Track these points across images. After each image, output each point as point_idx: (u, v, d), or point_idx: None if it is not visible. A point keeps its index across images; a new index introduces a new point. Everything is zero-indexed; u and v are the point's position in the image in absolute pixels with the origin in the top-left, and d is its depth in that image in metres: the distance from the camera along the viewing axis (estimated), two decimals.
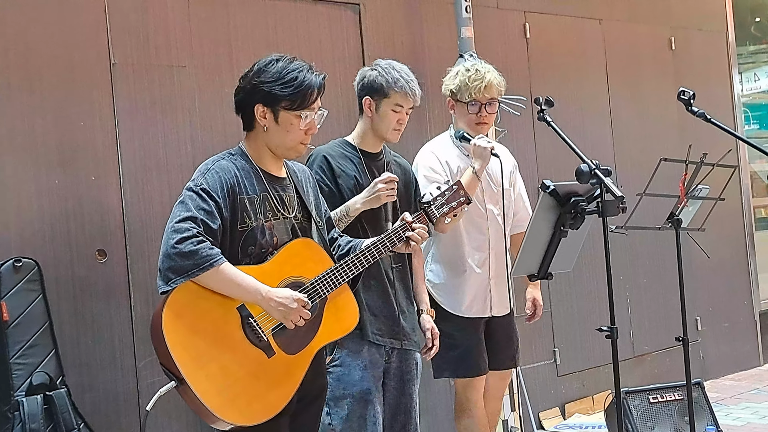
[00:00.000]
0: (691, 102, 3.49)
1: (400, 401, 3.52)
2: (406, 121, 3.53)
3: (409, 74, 3.51)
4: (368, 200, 3.33)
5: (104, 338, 4.02)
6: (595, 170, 2.96)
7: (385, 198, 3.32)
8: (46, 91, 3.94)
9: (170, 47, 4.29)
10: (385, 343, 3.42)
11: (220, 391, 2.62)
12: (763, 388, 6.48)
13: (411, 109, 3.52)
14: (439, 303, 3.92)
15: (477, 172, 3.73)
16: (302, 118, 2.82)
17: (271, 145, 2.87)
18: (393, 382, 3.51)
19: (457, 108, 3.96)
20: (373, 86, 3.49)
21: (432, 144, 4.07)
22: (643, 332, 6.32)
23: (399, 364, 3.51)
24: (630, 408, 4.88)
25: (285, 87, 2.79)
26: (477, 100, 3.87)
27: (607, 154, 6.21)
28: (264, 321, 2.71)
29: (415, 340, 3.57)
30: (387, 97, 3.46)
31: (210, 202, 2.68)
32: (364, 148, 3.53)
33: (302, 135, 2.85)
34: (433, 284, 3.96)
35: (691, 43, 6.93)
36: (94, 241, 4.03)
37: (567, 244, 3.28)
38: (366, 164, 3.48)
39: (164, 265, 2.61)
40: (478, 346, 3.94)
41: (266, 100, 2.81)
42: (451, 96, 3.97)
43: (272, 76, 2.80)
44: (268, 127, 2.84)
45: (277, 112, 2.82)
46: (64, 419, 3.65)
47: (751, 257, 7.23)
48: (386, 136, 3.51)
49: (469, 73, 3.90)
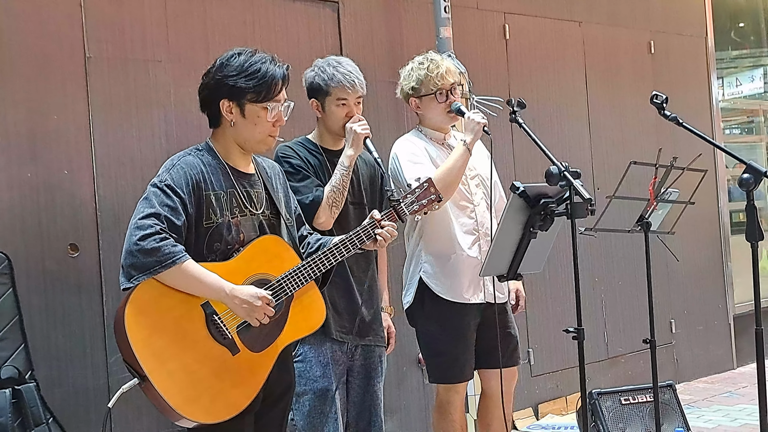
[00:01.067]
0: (663, 106, 3.49)
1: (365, 398, 3.53)
2: (360, 112, 3.51)
3: (348, 65, 3.50)
4: (351, 146, 3.38)
5: (75, 333, 4.00)
6: (565, 172, 2.96)
7: (362, 133, 3.37)
8: (19, 83, 3.92)
9: (146, 42, 4.28)
10: (348, 341, 3.42)
11: (182, 389, 2.61)
12: (735, 391, 6.52)
13: (359, 99, 3.51)
14: (437, 293, 3.78)
15: (468, 145, 3.66)
16: (269, 110, 2.82)
17: (240, 140, 2.86)
18: (357, 380, 3.52)
19: (423, 104, 3.86)
20: (313, 87, 3.51)
21: (404, 137, 3.98)
22: (618, 334, 6.36)
23: (363, 361, 3.52)
24: (602, 409, 4.90)
25: (249, 79, 2.78)
26: (442, 88, 3.79)
27: (584, 156, 6.24)
28: (229, 318, 2.70)
29: (380, 335, 3.58)
30: (329, 95, 3.47)
31: (174, 199, 2.67)
32: (325, 146, 3.54)
33: (270, 127, 2.85)
34: (429, 274, 3.81)
35: (671, 48, 6.96)
36: (66, 235, 4.01)
37: (537, 246, 3.29)
38: (328, 160, 3.48)
39: (126, 262, 2.60)
40: (465, 353, 3.83)
41: (231, 95, 2.80)
42: (413, 95, 3.87)
43: (235, 70, 2.79)
44: (235, 121, 2.83)
45: (242, 105, 2.81)
46: (33, 413, 3.64)
47: (727, 261, 7.27)
48: (340, 132, 3.49)
49: (426, 64, 3.82)
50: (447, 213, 3.80)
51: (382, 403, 3.63)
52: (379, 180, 3.66)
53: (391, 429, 5.09)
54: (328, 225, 3.35)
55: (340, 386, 3.42)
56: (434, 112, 3.86)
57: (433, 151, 3.86)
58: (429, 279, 3.80)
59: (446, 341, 3.79)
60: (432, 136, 3.91)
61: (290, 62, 3.57)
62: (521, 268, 3.34)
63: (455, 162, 3.66)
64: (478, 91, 5.28)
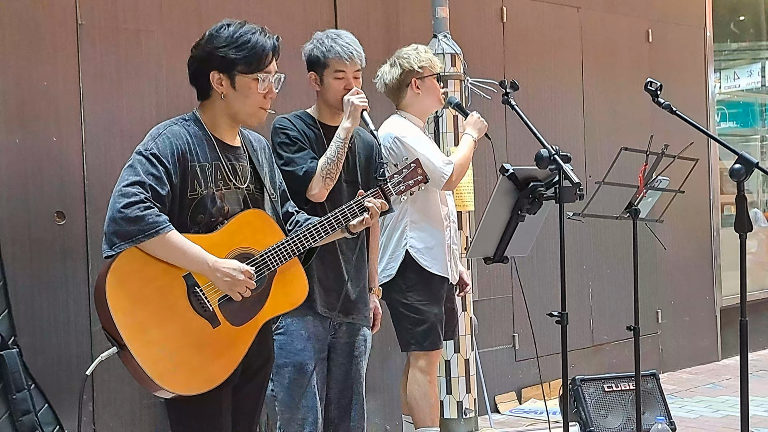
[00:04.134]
0: (657, 93, 3.48)
1: (347, 376, 3.53)
2: (360, 86, 3.49)
3: (348, 38, 3.48)
4: (348, 117, 3.38)
5: (59, 301, 3.99)
6: (554, 156, 2.95)
7: (359, 105, 3.37)
8: (8, 49, 3.88)
9: (139, 11, 4.25)
10: (332, 317, 3.42)
11: (161, 359, 2.60)
12: (719, 382, 6.54)
13: (358, 72, 3.49)
14: (425, 267, 3.95)
15: (476, 140, 3.92)
16: (259, 81, 2.79)
17: (231, 112, 2.83)
18: (341, 358, 3.52)
19: (424, 86, 3.95)
20: (311, 59, 3.49)
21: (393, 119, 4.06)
22: (604, 322, 6.37)
23: (348, 339, 3.52)
24: (584, 395, 4.93)
25: (239, 50, 2.76)
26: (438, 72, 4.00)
27: (578, 142, 6.23)
28: (210, 291, 2.69)
29: (366, 315, 3.58)
30: (327, 67, 3.45)
31: (159, 168, 2.64)
32: (323, 121, 3.52)
33: (261, 99, 2.82)
34: (417, 249, 3.96)
35: (669, 37, 6.94)
36: (52, 202, 3.99)
37: (524, 229, 3.29)
38: (325, 136, 3.47)
39: (109, 229, 2.58)
40: (441, 321, 4.02)
41: (221, 66, 2.78)
42: (416, 75, 3.96)
43: (225, 41, 2.77)
44: (226, 94, 2.80)
45: (233, 77, 2.79)
46: (15, 379, 3.65)
47: (716, 253, 7.27)
48: (338, 106, 3.47)
49: (431, 51, 4.05)
50: (435, 195, 3.96)
51: (364, 382, 3.63)
52: (376, 158, 3.64)
53: (374, 408, 5.09)
54: (321, 197, 3.35)
55: (320, 361, 3.42)
56: (433, 96, 4.00)
57: None
58: (417, 253, 3.96)
59: (429, 311, 3.96)
60: (414, 122, 3.98)
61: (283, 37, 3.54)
62: (508, 251, 3.34)
63: (469, 153, 3.92)
64: (473, 74, 5.25)
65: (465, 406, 5.08)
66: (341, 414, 3.54)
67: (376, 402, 5.10)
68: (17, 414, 3.60)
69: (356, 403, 3.56)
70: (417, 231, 3.97)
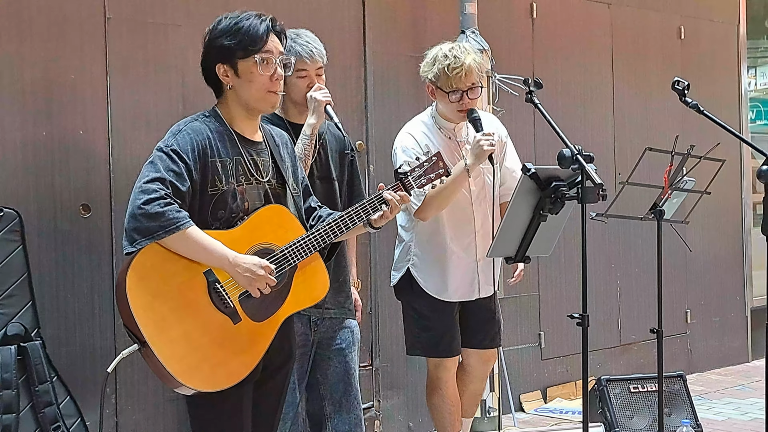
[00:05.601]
0: (685, 92, 3.44)
1: (336, 369, 3.54)
2: (324, 83, 3.49)
3: (306, 36, 3.49)
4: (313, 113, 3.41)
5: (84, 293, 4.01)
6: (577, 155, 2.91)
7: (323, 100, 3.39)
8: (37, 42, 3.90)
9: (166, 5, 4.25)
10: (309, 314, 3.42)
11: (183, 356, 2.60)
12: (748, 384, 6.46)
13: (320, 69, 3.50)
14: (423, 287, 3.90)
15: (468, 168, 3.63)
16: (258, 63, 2.76)
17: (242, 102, 2.82)
18: (327, 352, 3.54)
19: (437, 94, 3.84)
20: None
21: (411, 125, 3.97)
22: (632, 321, 6.30)
23: (331, 333, 3.54)
24: (610, 396, 4.88)
25: (234, 37, 2.76)
26: (458, 89, 3.76)
27: (607, 140, 6.17)
28: (231, 287, 2.68)
29: (348, 307, 3.60)
30: None
31: (180, 164, 2.64)
32: (290, 119, 3.54)
33: (267, 81, 2.79)
34: (418, 268, 3.93)
35: (701, 34, 6.84)
36: (78, 195, 4.00)
37: (546, 229, 3.25)
38: (295, 134, 3.45)
39: (130, 226, 2.59)
40: (451, 329, 3.93)
41: (223, 57, 2.78)
42: (430, 83, 3.85)
43: (220, 32, 2.78)
44: (233, 84, 2.80)
45: (235, 65, 2.78)
46: (37, 371, 3.66)
47: (748, 253, 7.18)
48: (303, 103, 3.47)
49: (447, 61, 3.75)
50: (440, 216, 3.83)
51: (357, 374, 3.64)
52: (350, 154, 3.66)
53: (397, 405, 5.09)
54: None
55: (300, 357, 3.37)
56: (446, 108, 3.85)
57: (438, 142, 3.82)
58: (417, 272, 3.92)
59: (434, 318, 3.90)
60: (442, 125, 3.90)
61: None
62: (530, 251, 3.30)
63: (452, 184, 3.61)
64: (501, 71, 5.21)
65: (489, 405, 5.06)
66: (335, 408, 3.55)
67: (399, 399, 5.08)
68: (39, 406, 3.62)
69: (350, 395, 3.56)
70: (421, 251, 3.92)
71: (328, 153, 3.56)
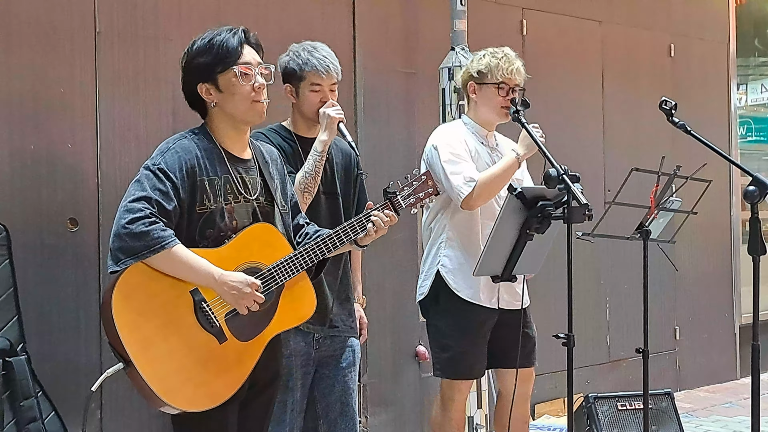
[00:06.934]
0: (672, 112, 3.44)
1: (334, 389, 3.49)
2: (335, 99, 3.46)
3: (324, 51, 3.46)
4: (325, 130, 3.35)
5: (70, 308, 3.99)
6: (563, 175, 2.91)
7: (336, 117, 3.35)
8: (26, 53, 3.89)
9: (158, 19, 4.25)
10: (313, 331, 3.39)
11: (167, 376, 2.59)
12: (736, 401, 6.46)
13: (334, 85, 3.47)
14: (453, 290, 3.75)
15: (519, 158, 3.61)
16: (238, 74, 2.75)
17: (228, 117, 2.81)
18: (327, 370, 3.49)
19: (481, 92, 3.78)
20: (287, 71, 3.46)
21: (446, 126, 3.90)
22: (621, 338, 6.29)
23: (333, 351, 3.48)
24: (597, 413, 4.87)
25: (209, 54, 2.76)
26: (506, 83, 3.73)
27: (597, 157, 6.18)
28: (217, 306, 2.67)
29: (351, 326, 3.55)
30: (303, 80, 3.42)
31: (167, 183, 2.63)
32: (299, 133, 3.50)
33: (250, 91, 2.78)
34: (448, 269, 3.77)
35: (691, 52, 6.87)
36: (66, 209, 3.99)
37: (533, 248, 3.24)
38: (301, 148, 3.44)
39: (114, 245, 2.57)
40: (473, 349, 3.80)
41: (202, 76, 2.78)
42: (473, 80, 3.80)
43: (196, 52, 2.78)
44: (217, 101, 2.79)
45: (216, 81, 2.77)
46: (22, 386, 3.63)
47: (736, 270, 7.19)
48: (313, 118, 3.43)
49: (501, 55, 3.76)
50: (476, 215, 3.76)
51: (356, 394, 3.59)
52: (355, 169, 3.62)
53: (385, 421, 5.07)
54: None
55: (304, 376, 3.38)
56: (489, 105, 3.78)
57: (472, 143, 3.79)
58: (447, 274, 3.77)
59: (455, 337, 3.77)
60: (475, 129, 3.84)
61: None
62: (516, 269, 3.29)
63: (503, 171, 3.60)
64: None
65: (476, 422, 5.03)
66: (330, 428, 3.50)
67: (387, 415, 5.07)
68: (24, 421, 3.59)
69: (346, 416, 3.51)
70: (451, 249, 3.78)
71: (333, 168, 3.51)
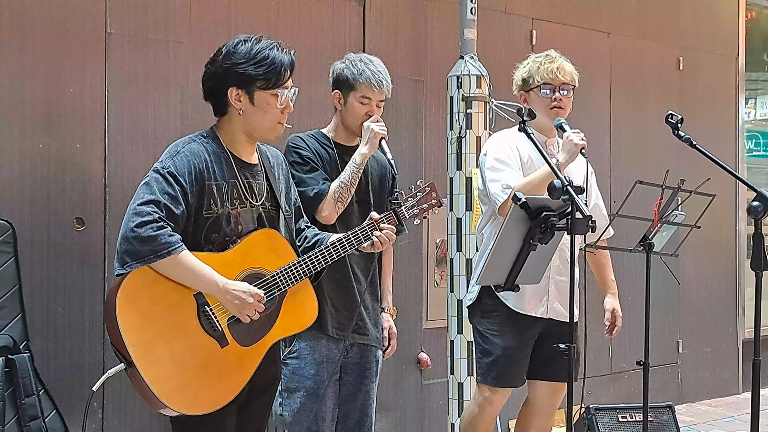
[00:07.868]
0: (678, 126, 3.45)
1: (356, 397, 3.50)
2: (380, 114, 3.47)
3: (379, 66, 3.46)
4: (367, 144, 3.35)
5: (74, 307, 4.01)
6: (567, 187, 2.92)
7: (379, 133, 3.34)
8: (38, 54, 3.92)
9: (168, 22, 4.27)
10: (344, 338, 3.40)
11: (168, 378, 2.61)
12: (738, 416, 6.44)
13: (382, 102, 3.48)
14: (499, 297, 3.68)
15: (560, 165, 3.52)
16: (278, 96, 2.79)
17: (249, 128, 2.83)
18: (350, 378, 3.49)
19: (530, 98, 3.78)
20: (340, 79, 3.47)
21: (502, 132, 3.88)
22: (623, 350, 6.29)
23: (359, 360, 3.49)
24: (598, 424, 4.89)
25: (258, 66, 2.76)
26: (548, 83, 3.71)
27: (603, 168, 6.17)
28: (220, 311, 2.69)
29: (377, 336, 3.56)
30: (353, 90, 3.43)
31: (176, 187, 2.65)
32: (338, 141, 3.51)
33: (279, 114, 2.82)
34: None
35: (700, 65, 6.87)
36: (73, 208, 4.02)
37: (536, 258, 3.24)
38: (339, 156, 3.45)
39: (121, 248, 2.59)
40: (514, 357, 3.74)
41: (240, 82, 2.77)
42: (521, 89, 3.81)
43: (243, 57, 2.77)
44: (244, 110, 2.80)
45: (252, 93, 2.78)
46: (24, 384, 3.65)
47: (740, 285, 7.18)
48: (356, 129, 3.45)
49: (540, 59, 3.76)
50: None
51: (375, 404, 3.61)
52: (390, 181, 3.63)
53: (385, 428, 5.07)
54: (330, 219, 3.33)
55: (333, 383, 3.41)
56: (539, 109, 3.69)
57: (524, 149, 3.73)
58: None
59: (496, 343, 3.72)
60: (534, 137, 3.77)
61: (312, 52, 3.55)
62: (519, 279, 3.30)
63: (541, 179, 3.50)
64: (500, 97, 5.21)
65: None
66: None
67: (387, 422, 5.08)
68: (25, 419, 3.61)
69: (364, 425, 3.53)
70: None
71: (368, 177, 3.51)
